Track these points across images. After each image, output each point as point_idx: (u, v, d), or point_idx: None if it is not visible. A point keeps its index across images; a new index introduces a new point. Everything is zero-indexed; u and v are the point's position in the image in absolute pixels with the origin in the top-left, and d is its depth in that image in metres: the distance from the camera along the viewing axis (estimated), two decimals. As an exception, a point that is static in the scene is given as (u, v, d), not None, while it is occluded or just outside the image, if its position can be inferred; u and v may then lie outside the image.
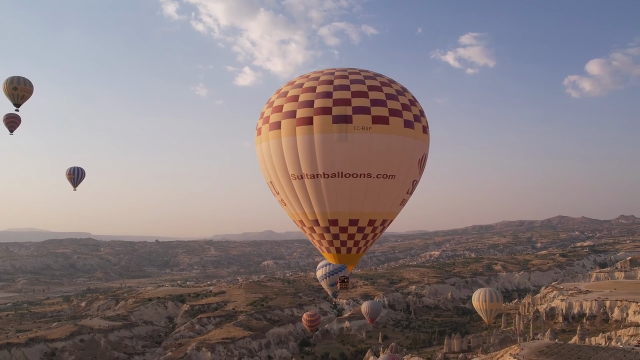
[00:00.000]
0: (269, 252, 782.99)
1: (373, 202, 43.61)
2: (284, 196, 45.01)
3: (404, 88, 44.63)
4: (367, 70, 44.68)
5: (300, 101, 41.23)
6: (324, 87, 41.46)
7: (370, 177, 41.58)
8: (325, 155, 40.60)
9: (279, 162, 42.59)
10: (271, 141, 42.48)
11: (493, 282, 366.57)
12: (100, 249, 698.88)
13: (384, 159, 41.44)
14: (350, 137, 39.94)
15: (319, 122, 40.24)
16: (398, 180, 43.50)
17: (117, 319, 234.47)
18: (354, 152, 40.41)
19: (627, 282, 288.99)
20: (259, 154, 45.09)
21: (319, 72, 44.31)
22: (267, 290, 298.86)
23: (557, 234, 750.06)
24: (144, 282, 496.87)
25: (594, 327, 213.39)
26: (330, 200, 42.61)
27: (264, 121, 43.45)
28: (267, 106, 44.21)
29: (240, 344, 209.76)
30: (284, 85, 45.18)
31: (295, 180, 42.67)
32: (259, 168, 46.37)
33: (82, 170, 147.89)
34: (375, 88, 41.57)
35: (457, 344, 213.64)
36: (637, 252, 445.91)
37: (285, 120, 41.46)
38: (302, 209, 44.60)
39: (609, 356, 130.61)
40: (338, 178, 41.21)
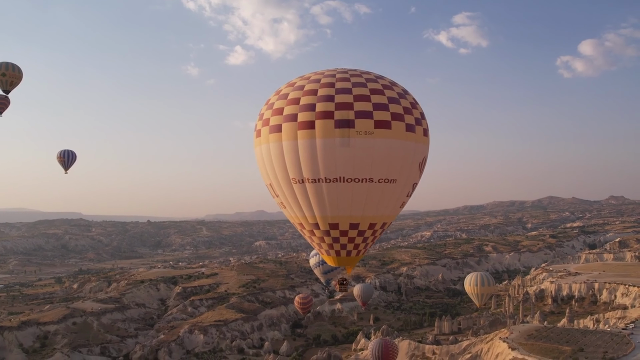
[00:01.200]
0: (261, 232, 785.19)
1: (374, 207, 43.69)
2: (284, 199, 44.83)
3: (405, 90, 44.22)
4: (369, 72, 44.16)
5: (301, 104, 40.77)
6: (325, 90, 40.95)
7: (372, 181, 41.53)
8: (327, 160, 40.35)
9: (280, 165, 42.31)
10: (271, 144, 42.11)
11: (484, 264, 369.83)
12: (92, 230, 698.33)
13: (385, 163, 41.37)
14: (352, 142, 39.75)
15: (320, 126, 39.90)
16: (399, 184, 43.53)
17: (110, 301, 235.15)
18: (356, 157, 40.23)
19: (615, 264, 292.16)
20: (258, 155, 44.76)
21: (319, 73, 43.75)
22: (259, 272, 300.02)
23: (547, 215, 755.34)
24: (136, 263, 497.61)
25: (582, 309, 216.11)
26: (332, 204, 42.58)
27: (264, 123, 42.97)
28: (266, 108, 43.67)
29: (232, 326, 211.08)
30: (284, 86, 44.56)
31: (296, 184, 42.50)
32: (258, 169, 45.66)
33: (73, 153, 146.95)
34: (377, 91, 41.16)
35: (447, 326, 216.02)
36: (626, 233, 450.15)
37: (286, 123, 41.02)
38: (302, 213, 44.44)
39: (597, 339, 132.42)
40: (340, 183, 41.09)
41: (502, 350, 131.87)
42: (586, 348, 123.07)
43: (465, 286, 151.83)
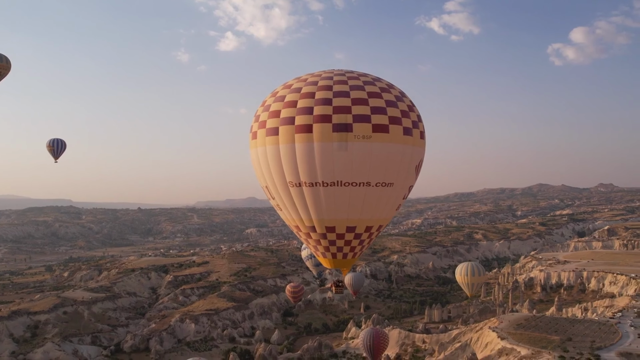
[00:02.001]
0: (252, 219, 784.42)
1: (371, 210, 43.68)
2: (280, 202, 44.63)
3: (402, 92, 44.08)
4: (366, 74, 43.77)
5: (299, 107, 40.41)
6: (323, 94, 40.58)
7: (370, 185, 41.51)
8: (325, 164, 40.21)
9: (276, 168, 42.08)
10: (268, 147, 41.86)
11: (474, 251, 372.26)
12: (82, 217, 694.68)
13: (383, 167, 41.31)
14: (350, 146, 39.59)
15: (318, 130, 39.61)
16: (396, 187, 43.59)
17: (100, 290, 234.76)
18: (353, 161, 40.12)
19: (604, 252, 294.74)
20: (254, 157, 44.48)
21: (316, 75, 43.30)
22: (250, 260, 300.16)
23: (537, 202, 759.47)
24: (127, 250, 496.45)
25: (571, 297, 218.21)
26: (329, 208, 42.48)
27: (260, 125, 42.62)
28: (262, 109, 43.21)
29: (223, 315, 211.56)
30: (280, 87, 44.05)
31: (293, 187, 42.29)
32: (254, 171, 45.89)
33: (62, 142, 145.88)
34: (375, 95, 40.95)
35: (437, 314, 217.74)
36: (614, 221, 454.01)
37: (283, 126, 40.69)
38: (299, 215, 44.30)
39: (585, 329, 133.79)
40: (337, 187, 41.01)
41: (491, 340, 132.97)
42: (574, 337, 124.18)
43: (456, 276, 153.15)
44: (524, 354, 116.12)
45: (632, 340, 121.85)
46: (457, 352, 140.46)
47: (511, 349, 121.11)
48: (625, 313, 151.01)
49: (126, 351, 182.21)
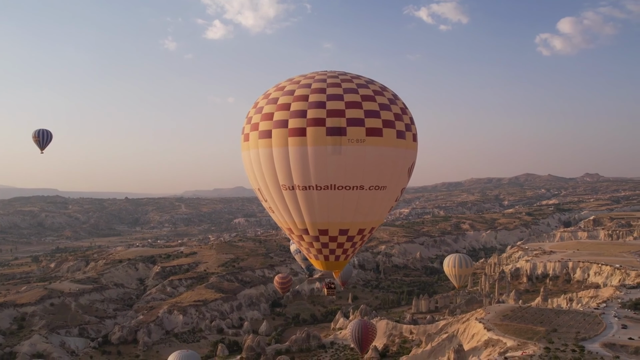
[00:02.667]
0: (240, 209, 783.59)
1: (364, 213, 43.84)
2: (273, 204, 44.60)
3: (395, 95, 43.91)
4: (359, 77, 43.68)
5: (292, 110, 40.21)
6: (316, 97, 40.34)
7: (363, 189, 41.58)
8: (319, 167, 40.15)
9: (269, 171, 41.98)
10: (261, 150, 41.67)
11: (461, 241, 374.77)
12: (69, 207, 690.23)
13: (376, 171, 41.39)
14: (344, 150, 39.57)
15: (312, 133, 39.50)
16: (389, 190, 43.76)
17: (88, 281, 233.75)
18: (347, 165, 40.12)
19: (589, 242, 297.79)
20: (246, 160, 44.29)
21: (309, 77, 42.90)
22: (239, 251, 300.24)
23: (523, 192, 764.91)
24: (114, 241, 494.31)
25: (556, 288, 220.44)
26: (322, 211, 42.53)
27: (252, 127, 42.33)
28: (255, 111, 42.97)
29: (211, 306, 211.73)
30: (272, 89, 43.80)
31: (286, 190, 42.24)
32: (246, 173, 45.80)
33: (48, 133, 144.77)
34: (369, 98, 40.85)
35: (424, 305, 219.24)
36: (600, 211, 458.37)
37: (276, 129, 40.51)
38: (292, 218, 44.30)
39: (570, 320, 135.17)
40: (331, 190, 41.02)
41: (477, 331, 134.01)
42: (559, 328, 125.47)
43: (444, 267, 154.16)
44: (509, 345, 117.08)
45: (616, 330, 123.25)
46: (444, 343, 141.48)
47: (497, 340, 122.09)
48: (609, 304, 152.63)
49: (114, 343, 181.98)
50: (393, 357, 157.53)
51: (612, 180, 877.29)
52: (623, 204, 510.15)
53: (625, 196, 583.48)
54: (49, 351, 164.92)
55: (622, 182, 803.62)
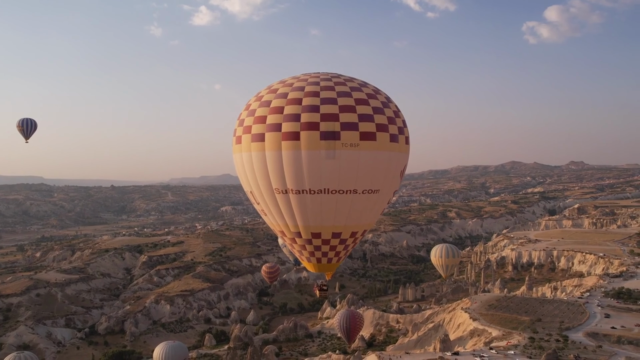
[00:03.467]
0: (227, 197, 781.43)
1: (357, 216, 43.98)
2: (265, 207, 44.55)
3: (388, 98, 43.88)
4: (353, 79, 43.58)
5: (285, 114, 39.95)
6: (310, 100, 40.06)
7: (356, 193, 41.64)
8: (312, 172, 40.09)
9: (262, 175, 41.86)
10: (254, 153, 41.47)
11: (447, 230, 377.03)
12: (54, 195, 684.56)
13: (370, 175, 41.49)
14: (338, 154, 39.49)
15: (306, 137, 39.31)
16: (382, 193, 43.88)
17: (74, 271, 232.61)
18: (341, 170, 40.13)
19: (573, 230, 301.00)
20: (238, 162, 44.01)
21: (302, 80, 42.59)
22: (226, 240, 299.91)
23: (509, 180, 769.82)
24: (100, 229, 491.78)
25: (541, 276, 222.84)
26: (315, 215, 42.57)
27: (245, 130, 42.00)
28: (247, 114, 42.51)
29: (199, 296, 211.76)
30: (264, 90, 43.31)
31: (279, 194, 42.17)
32: (238, 175, 45.19)
33: (33, 122, 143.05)
34: (362, 101, 40.77)
35: (411, 293, 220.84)
36: (584, 199, 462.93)
37: (269, 133, 40.26)
38: (285, 222, 44.32)
39: (554, 309, 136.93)
40: (324, 194, 41.05)
41: (463, 321, 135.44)
42: (544, 318, 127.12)
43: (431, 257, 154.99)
44: (495, 335, 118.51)
45: (599, 320, 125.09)
46: (430, 333, 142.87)
47: (483, 330, 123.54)
48: (593, 293, 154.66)
49: (101, 333, 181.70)
50: (379, 346, 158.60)
51: (596, 168, 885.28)
52: (607, 192, 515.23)
53: (610, 184, 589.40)
54: (35, 342, 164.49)
55: (607, 170, 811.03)
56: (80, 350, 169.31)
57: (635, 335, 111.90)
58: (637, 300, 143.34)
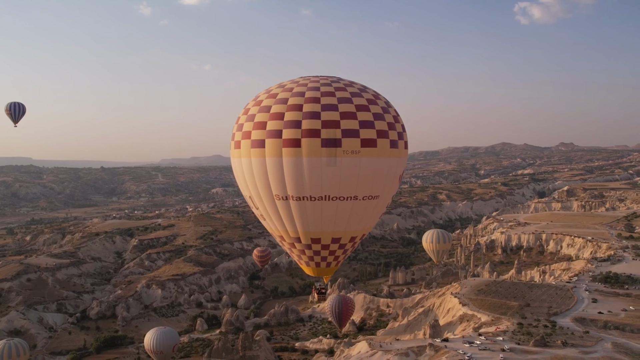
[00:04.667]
0: (218, 178, 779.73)
1: (357, 222, 44.30)
2: (264, 212, 44.67)
3: (388, 102, 44.02)
4: (353, 84, 43.45)
5: (286, 120, 39.94)
6: (310, 106, 40.04)
7: (357, 199, 41.92)
8: (313, 179, 40.24)
9: (262, 181, 41.92)
10: (253, 159, 41.55)
11: (437, 212, 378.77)
12: (43, 177, 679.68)
13: (370, 181, 41.77)
14: (339, 162, 39.64)
15: (307, 145, 39.37)
16: (381, 199, 44.22)
17: (64, 255, 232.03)
18: (342, 176, 40.34)
19: (562, 213, 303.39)
20: (237, 167, 44.14)
21: (302, 84, 42.40)
22: (217, 223, 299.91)
23: (499, 161, 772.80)
24: (90, 211, 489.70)
25: (530, 259, 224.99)
26: (315, 221, 42.78)
27: (244, 135, 41.94)
28: (246, 118, 42.31)
29: (190, 280, 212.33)
30: (263, 94, 43.11)
31: (279, 200, 42.26)
32: (236, 179, 45.50)
33: (21, 106, 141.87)
34: (363, 107, 40.87)
35: (401, 277, 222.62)
36: (574, 181, 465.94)
37: (270, 139, 40.24)
38: (284, 227, 44.48)
39: (542, 294, 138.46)
40: (325, 201, 41.25)
41: (453, 306, 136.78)
42: (532, 303, 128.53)
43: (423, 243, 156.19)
44: (484, 320, 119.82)
45: (587, 305, 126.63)
46: (420, 318, 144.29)
47: (472, 316, 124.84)
48: (580, 277, 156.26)
49: (92, 318, 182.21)
50: (370, 330, 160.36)
51: (586, 149, 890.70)
52: (596, 174, 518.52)
53: (599, 166, 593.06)
54: (26, 327, 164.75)
55: (596, 152, 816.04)
56: (72, 335, 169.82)
57: (621, 320, 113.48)
58: (624, 285, 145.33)
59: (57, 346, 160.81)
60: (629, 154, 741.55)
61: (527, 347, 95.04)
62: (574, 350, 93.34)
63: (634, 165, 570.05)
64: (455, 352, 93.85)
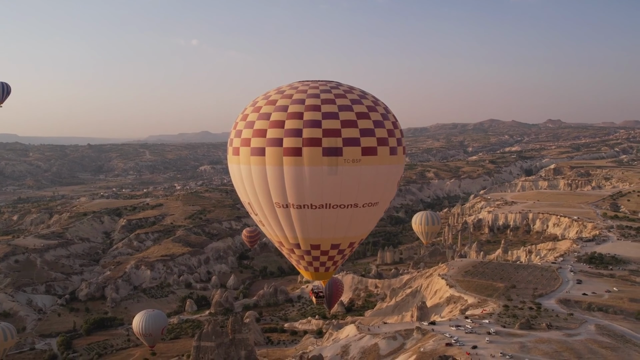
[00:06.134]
0: (206, 155, 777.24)
1: (356, 228, 44.83)
2: (264, 219, 44.75)
3: (386, 108, 44.13)
4: (352, 89, 43.47)
5: (286, 129, 39.85)
6: (311, 114, 39.95)
7: (357, 206, 42.23)
8: (314, 188, 40.39)
9: (262, 189, 41.99)
10: (253, 167, 41.50)
11: (425, 190, 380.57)
12: (29, 154, 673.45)
13: (370, 189, 42.10)
14: (340, 170, 39.85)
15: (308, 154, 39.40)
16: (380, 205, 44.63)
17: (52, 236, 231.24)
18: (343, 185, 40.54)
19: (549, 192, 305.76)
20: (235, 173, 44.17)
21: (301, 90, 42.15)
22: (205, 202, 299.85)
23: (487, 138, 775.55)
24: (78, 190, 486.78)
25: (517, 239, 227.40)
26: (315, 228, 43.07)
27: (243, 142, 41.84)
28: (245, 125, 42.10)
29: (179, 260, 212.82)
30: (261, 100, 42.76)
31: (279, 208, 42.40)
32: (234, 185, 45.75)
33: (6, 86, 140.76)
34: (363, 115, 40.97)
35: (389, 256, 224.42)
36: (561, 159, 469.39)
37: (270, 148, 40.21)
38: (284, 233, 44.67)
39: (528, 275, 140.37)
40: (325, 209, 41.48)
41: (440, 287, 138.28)
42: (518, 284, 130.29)
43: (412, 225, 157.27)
44: (470, 302, 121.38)
45: (571, 286, 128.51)
46: (408, 299, 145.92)
47: (459, 298, 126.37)
48: (566, 257, 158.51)
49: (81, 299, 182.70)
50: (358, 311, 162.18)
51: (573, 126, 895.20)
52: (583, 151, 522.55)
53: (586, 143, 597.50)
54: (15, 310, 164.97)
55: (583, 129, 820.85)
56: (61, 317, 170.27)
57: (604, 302, 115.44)
58: (608, 265, 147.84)
59: (47, 328, 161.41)
60: (616, 131, 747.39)
61: (512, 330, 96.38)
62: (558, 333, 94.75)
63: (620, 142, 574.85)
64: (442, 335, 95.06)
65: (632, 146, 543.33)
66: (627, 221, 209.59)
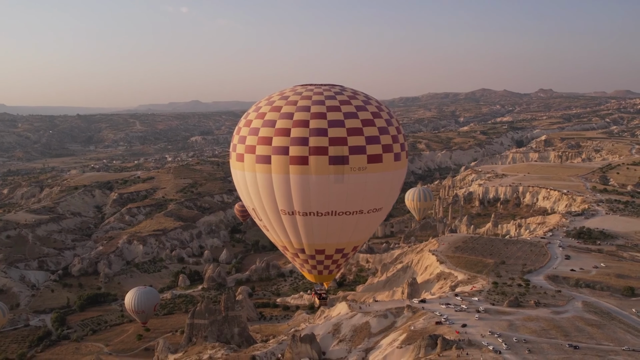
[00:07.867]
0: (197, 126, 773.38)
1: (361, 233, 45.69)
2: (269, 224, 45.10)
3: (390, 113, 44.25)
4: (356, 94, 43.59)
5: (292, 137, 39.98)
6: (317, 122, 40.06)
7: (362, 213, 42.72)
8: (321, 196, 40.77)
9: (268, 196, 42.27)
10: (259, 174, 41.72)
11: (417, 162, 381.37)
12: (18, 125, 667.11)
13: (376, 195, 42.58)
14: (346, 179, 40.24)
15: (315, 162, 39.66)
16: (384, 210, 45.42)
17: (44, 211, 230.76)
18: (349, 193, 40.97)
19: (539, 164, 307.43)
20: (240, 179, 44.39)
21: (305, 97, 41.96)
22: (197, 175, 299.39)
23: (479, 108, 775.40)
24: (68, 161, 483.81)
25: (507, 212, 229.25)
26: (321, 234, 43.56)
27: (248, 149, 42.05)
28: (249, 131, 42.22)
29: (171, 235, 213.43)
30: (264, 105, 42.77)
31: (285, 215, 42.73)
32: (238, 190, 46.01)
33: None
34: (369, 122, 41.20)
35: (381, 230, 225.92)
36: (551, 130, 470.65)
37: (276, 156, 40.40)
38: (289, 239, 45.14)
39: (517, 250, 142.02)
40: (331, 216, 41.94)
41: (430, 263, 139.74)
42: (507, 260, 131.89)
43: (405, 201, 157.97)
44: (460, 279, 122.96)
45: (560, 262, 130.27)
46: (399, 274, 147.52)
47: (449, 274, 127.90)
48: (555, 232, 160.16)
49: (74, 275, 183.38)
50: (350, 285, 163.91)
51: (565, 96, 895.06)
52: (574, 122, 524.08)
53: (577, 114, 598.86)
54: (8, 286, 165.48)
55: (575, 99, 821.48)
56: (54, 293, 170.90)
57: (592, 278, 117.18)
58: (597, 240, 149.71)
59: (41, 304, 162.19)
60: (607, 101, 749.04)
61: (501, 308, 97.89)
62: (545, 310, 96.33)
63: (611, 113, 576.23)
64: (433, 313, 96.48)
65: (623, 117, 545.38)
66: (616, 194, 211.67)
